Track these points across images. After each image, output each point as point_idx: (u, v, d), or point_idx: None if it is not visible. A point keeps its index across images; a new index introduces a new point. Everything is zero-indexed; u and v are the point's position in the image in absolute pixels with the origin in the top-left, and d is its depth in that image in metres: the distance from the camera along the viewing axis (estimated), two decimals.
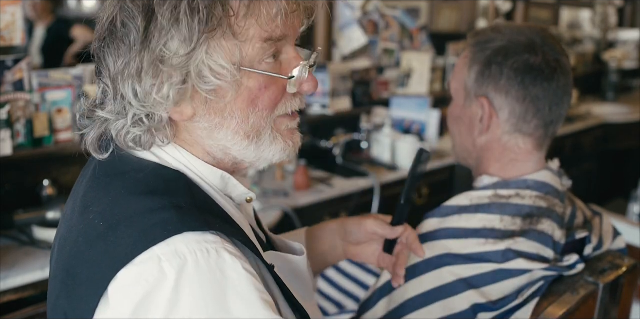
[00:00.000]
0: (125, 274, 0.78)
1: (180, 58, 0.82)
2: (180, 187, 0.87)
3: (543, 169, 1.32)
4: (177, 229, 0.79)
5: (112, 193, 0.86)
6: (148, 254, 0.78)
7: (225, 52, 0.84)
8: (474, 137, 1.35)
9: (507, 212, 1.25)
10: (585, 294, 1.19)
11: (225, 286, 0.78)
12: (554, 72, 1.28)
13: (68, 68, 2.41)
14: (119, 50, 0.84)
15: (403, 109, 3.56)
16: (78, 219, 0.87)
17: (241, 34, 0.84)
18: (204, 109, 0.87)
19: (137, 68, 0.83)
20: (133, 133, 0.87)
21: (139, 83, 0.84)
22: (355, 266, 2.11)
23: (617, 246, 1.40)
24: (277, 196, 2.59)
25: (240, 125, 0.88)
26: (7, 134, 2.08)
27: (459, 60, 1.37)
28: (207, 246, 0.80)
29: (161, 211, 0.81)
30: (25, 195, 2.22)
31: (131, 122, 0.86)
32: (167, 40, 0.81)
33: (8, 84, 2.14)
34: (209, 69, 0.83)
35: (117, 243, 0.80)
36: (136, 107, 0.85)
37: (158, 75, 0.83)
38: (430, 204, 2.48)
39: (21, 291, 1.82)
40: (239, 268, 0.80)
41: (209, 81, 0.84)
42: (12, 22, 2.16)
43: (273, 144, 0.92)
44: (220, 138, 0.89)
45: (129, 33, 0.83)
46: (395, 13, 3.88)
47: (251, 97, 0.87)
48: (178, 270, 0.77)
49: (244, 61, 0.85)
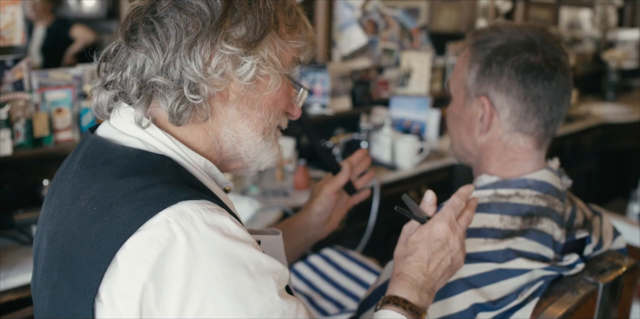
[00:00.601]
0: (134, 241, 0.82)
1: (246, 44, 0.91)
2: (166, 167, 0.90)
3: (543, 168, 1.32)
4: (172, 199, 0.84)
5: (102, 179, 0.88)
6: (156, 220, 0.82)
7: (277, 51, 0.96)
8: (474, 137, 1.35)
9: (507, 212, 1.25)
10: (585, 294, 1.19)
11: (232, 238, 0.84)
12: (554, 71, 1.28)
13: (68, 68, 2.41)
14: (185, 21, 0.89)
15: (403, 109, 3.56)
16: (69, 210, 0.89)
17: (286, 44, 0.97)
18: (240, 96, 0.95)
19: (212, 43, 0.90)
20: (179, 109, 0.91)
21: (208, 57, 0.90)
22: (356, 264, 2.11)
23: (617, 246, 1.40)
24: (277, 196, 2.59)
25: (262, 120, 0.98)
26: (7, 134, 2.08)
27: (458, 59, 1.37)
28: (207, 206, 0.85)
29: (152, 188, 0.85)
30: (25, 195, 2.22)
31: (188, 91, 0.90)
32: (242, 26, 0.91)
33: (8, 84, 2.14)
34: (263, 61, 0.93)
35: (114, 221, 0.83)
36: (195, 79, 0.90)
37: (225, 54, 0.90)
38: None
39: (21, 291, 1.82)
40: (237, 223, 0.87)
41: (260, 70, 0.93)
42: (12, 22, 2.16)
43: (272, 149, 1.02)
44: (241, 129, 0.97)
45: (203, 9, 0.90)
46: (395, 13, 3.88)
47: (274, 99, 0.98)
48: (187, 229, 0.82)
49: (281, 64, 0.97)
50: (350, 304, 1.95)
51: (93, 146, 0.94)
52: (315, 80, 3.23)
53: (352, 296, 1.99)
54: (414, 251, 1.04)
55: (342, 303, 1.96)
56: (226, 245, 0.83)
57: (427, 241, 1.04)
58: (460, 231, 1.06)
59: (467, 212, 1.09)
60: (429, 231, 1.05)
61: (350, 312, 1.84)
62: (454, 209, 1.07)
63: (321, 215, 1.35)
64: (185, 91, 0.90)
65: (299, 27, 0.99)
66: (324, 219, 1.36)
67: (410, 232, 1.08)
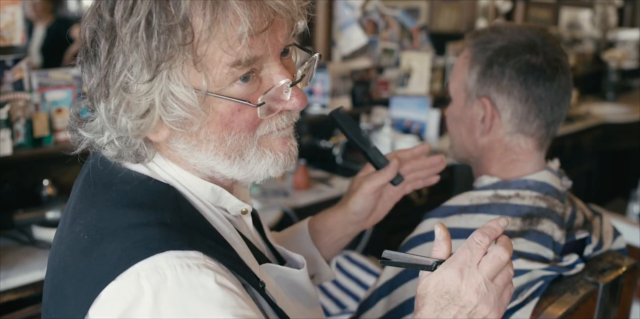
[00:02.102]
0: (106, 292, 0.77)
1: (143, 85, 0.78)
2: (168, 202, 0.85)
3: (543, 169, 1.32)
4: (159, 247, 0.77)
5: (99, 205, 0.84)
6: (128, 272, 0.76)
7: (190, 79, 0.78)
8: (475, 138, 1.34)
9: (507, 213, 1.25)
10: (585, 294, 1.19)
11: (207, 301, 0.76)
12: (555, 72, 1.28)
13: (68, 68, 2.41)
14: (90, 70, 0.83)
15: (403, 109, 3.56)
16: (67, 231, 0.86)
17: (206, 59, 0.78)
18: (178, 132, 0.83)
19: (105, 92, 0.80)
20: (110, 153, 0.86)
21: (106, 106, 0.81)
22: (356, 266, 2.11)
23: (617, 246, 1.40)
24: (277, 196, 2.59)
25: (218, 147, 0.84)
26: (7, 134, 2.08)
27: (458, 60, 1.37)
28: (188, 261, 0.77)
29: (146, 228, 0.79)
30: (25, 195, 2.22)
31: (106, 142, 0.85)
32: (131, 66, 0.77)
33: (8, 84, 2.14)
34: (173, 98, 0.79)
35: (100, 260, 0.78)
36: (110, 130, 0.83)
37: (122, 102, 0.79)
38: (430, 204, 2.48)
39: (21, 291, 1.82)
40: (221, 284, 0.78)
41: (173, 110, 0.80)
42: (12, 22, 2.16)
43: (262, 160, 0.87)
44: (202, 158, 0.86)
45: (98, 53, 0.81)
46: (395, 13, 3.88)
47: (224, 122, 0.82)
48: (156, 287, 0.75)
49: (211, 87, 0.79)
50: (351, 303, 1.95)
51: (100, 162, 0.89)
52: (315, 80, 3.23)
53: (352, 295, 1.99)
54: (422, 306, 0.83)
55: (343, 302, 1.97)
56: (197, 310, 0.75)
57: (434, 294, 0.82)
58: (480, 278, 0.81)
59: (494, 251, 0.82)
60: (436, 282, 0.82)
61: (351, 312, 1.84)
62: (471, 249, 0.82)
63: (359, 214, 1.20)
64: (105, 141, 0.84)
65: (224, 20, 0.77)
66: (362, 218, 1.20)
67: (419, 281, 0.86)
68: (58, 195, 2.25)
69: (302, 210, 2.55)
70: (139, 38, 0.76)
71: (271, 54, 0.82)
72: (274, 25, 0.80)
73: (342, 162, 3.09)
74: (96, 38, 0.80)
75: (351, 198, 1.20)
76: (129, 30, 0.77)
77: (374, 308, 1.29)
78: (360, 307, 1.33)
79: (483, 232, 0.83)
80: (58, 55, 4.12)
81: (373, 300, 1.30)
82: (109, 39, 0.79)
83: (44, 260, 1.91)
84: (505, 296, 0.83)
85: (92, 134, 0.85)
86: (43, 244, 2.01)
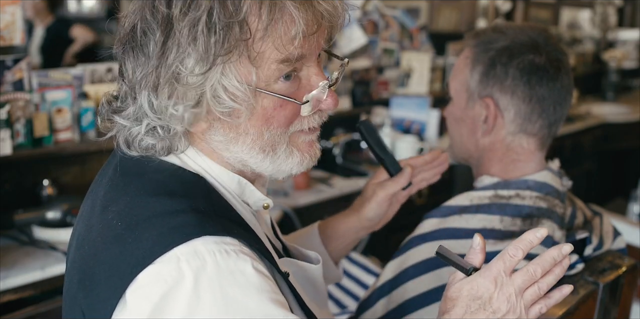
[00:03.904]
0: (144, 275, 0.78)
1: (196, 77, 0.81)
2: (199, 191, 0.87)
3: (544, 169, 1.32)
4: (196, 232, 0.79)
5: (131, 193, 0.85)
6: (168, 255, 0.78)
7: (241, 74, 0.82)
8: (477, 138, 1.34)
9: (507, 213, 1.25)
10: (585, 294, 1.19)
11: (245, 286, 0.78)
12: (558, 72, 1.28)
13: (68, 68, 2.42)
14: (138, 60, 0.84)
15: (403, 109, 3.56)
16: (97, 219, 0.87)
17: (258, 56, 0.82)
18: (219, 124, 0.87)
19: (154, 82, 0.82)
20: (146, 141, 0.87)
21: (155, 96, 0.83)
22: (356, 266, 2.11)
23: (618, 246, 1.40)
24: (277, 196, 2.59)
25: (255, 141, 0.88)
26: (7, 134, 2.08)
27: (458, 61, 1.36)
28: (226, 247, 0.80)
29: (180, 214, 0.81)
30: (25, 195, 2.22)
31: (145, 130, 0.86)
32: (184, 58, 0.80)
33: (8, 84, 2.14)
34: (224, 90, 0.82)
35: (135, 245, 0.80)
36: (151, 118, 0.85)
37: (173, 92, 0.82)
38: (430, 204, 2.48)
39: (21, 291, 1.82)
40: (257, 270, 0.80)
41: (224, 102, 0.83)
42: (12, 22, 2.16)
43: (290, 158, 0.91)
44: (237, 151, 0.89)
45: (148, 44, 0.83)
46: (395, 13, 3.88)
47: (266, 117, 0.86)
48: (197, 271, 0.77)
49: (259, 82, 0.84)
50: (351, 304, 1.95)
51: None
52: None
53: (353, 296, 1.99)
54: (452, 308, 0.88)
55: (343, 302, 1.97)
56: (235, 294, 0.77)
57: (466, 298, 0.87)
58: (511, 289, 0.85)
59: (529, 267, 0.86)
60: (470, 287, 0.87)
61: (351, 312, 1.84)
62: (505, 261, 0.87)
63: (372, 220, 1.25)
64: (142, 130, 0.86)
65: (281, 20, 0.81)
66: (375, 223, 1.26)
67: (451, 284, 0.90)
68: (58, 195, 2.25)
69: (302, 210, 2.55)
70: (199, 32, 0.79)
71: (313, 55, 0.88)
72: (321, 28, 0.86)
73: (342, 162, 3.09)
74: (148, 29, 0.82)
75: (365, 205, 1.24)
76: (187, 24, 0.79)
77: (373, 307, 1.29)
78: (360, 307, 1.33)
79: (517, 246, 0.87)
80: (58, 55, 4.12)
81: (373, 300, 1.30)
82: (164, 31, 0.81)
83: (44, 260, 1.91)
84: (533, 311, 0.88)
85: (130, 122, 0.87)
86: (43, 244, 2.02)
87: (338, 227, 1.26)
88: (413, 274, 1.23)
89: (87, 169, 2.32)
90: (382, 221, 1.27)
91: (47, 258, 1.93)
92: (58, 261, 1.91)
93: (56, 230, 2.06)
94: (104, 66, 2.46)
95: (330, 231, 1.26)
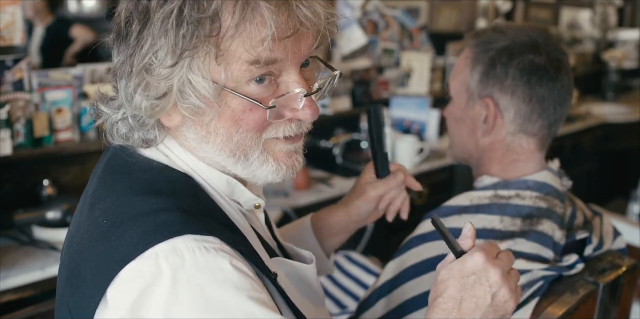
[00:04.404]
0: (125, 271, 0.79)
1: (165, 70, 0.81)
2: (186, 190, 0.87)
3: (544, 169, 1.32)
4: (178, 231, 0.79)
5: (119, 192, 0.86)
6: (147, 252, 0.78)
7: (209, 71, 0.82)
8: (477, 138, 1.34)
9: (507, 213, 1.25)
10: (585, 294, 1.19)
11: (224, 284, 0.78)
12: (558, 72, 1.28)
13: (68, 68, 2.41)
14: (119, 48, 0.86)
15: (403, 109, 3.56)
16: (85, 217, 0.88)
17: (227, 55, 0.81)
18: (190, 120, 0.86)
19: (128, 70, 0.84)
20: (121, 130, 0.88)
21: (127, 84, 0.84)
22: (356, 266, 2.11)
23: (618, 246, 1.40)
24: (277, 196, 2.59)
25: (225, 143, 0.86)
26: (7, 134, 2.08)
27: (458, 61, 1.36)
28: (205, 245, 0.79)
29: (164, 213, 0.81)
30: (25, 195, 2.22)
31: (120, 118, 0.87)
32: (157, 49, 0.81)
33: (8, 84, 2.14)
34: (191, 86, 0.82)
35: (119, 242, 0.80)
36: (126, 107, 0.86)
37: (142, 81, 0.83)
38: (430, 204, 2.48)
39: (21, 291, 1.82)
40: (236, 267, 0.80)
41: (188, 97, 0.83)
42: (12, 22, 2.16)
43: (264, 166, 0.89)
44: (208, 151, 0.88)
45: (130, 33, 0.84)
46: (395, 13, 3.88)
47: (234, 118, 0.85)
48: (175, 268, 0.77)
49: (228, 81, 0.82)
50: (351, 304, 1.95)
51: (120, 151, 0.91)
52: None
53: (352, 295, 1.99)
54: (444, 290, 0.86)
55: (343, 302, 1.97)
56: (214, 292, 0.77)
57: (459, 276, 0.86)
58: (502, 264, 0.86)
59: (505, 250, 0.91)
60: (461, 266, 0.86)
61: (351, 312, 1.84)
62: (491, 244, 0.89)
63: (361, 216, 1.25)
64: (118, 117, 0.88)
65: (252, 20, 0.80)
66: (364, 218, 1.26)
67: (441, 268, 0.89)
68: (58, 195, 2.25)
69: (302, 210, 2.55)
70: (169, 24, 0.80)
71: (291, 61, 0.85)
72: (299, 34, 0.83)
73: (342, 162, 3.09)
74: (130, 19, 0.84)
75: (354, 202, 1.24)
76: (161, 16, 0.80)
77: (373, 307, 1.29)
78: (359, 307, 1.33)
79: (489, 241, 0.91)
80: (58, 55, 4.12)
81: (373, 300, 1.30)
82: (141, 21, 0.82)
83: (44, 260, 1.91)
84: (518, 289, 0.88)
85: (110, 110, 0.88)
86: (43, 244, 2.02)
87: (329, 221, 1.27)
88: (413, 274, 1.23)
89: (87, 169, 2.32)
90: (373, 216, 1.27)
91: (47, 258, 1.93)
92: (58, 261, 1.90)
93: (56, 230, 2.06)
94: (104, 66, 2.46)
95: (322, 223, 1.27)
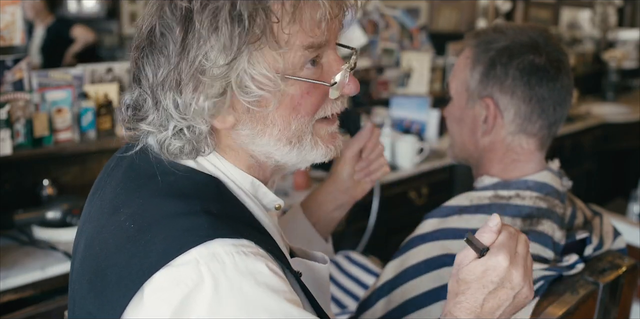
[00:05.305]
0: (162, 276, 0.78)
1: (220, 68, 0.80)
2: (211, 192, 0.87)
3: (544, 169, 1.32)
4: (209, 235, 0.80)
5: (144, 195, 0.85)
6: (187, 258, 0.78)
7: (268, 61, 0.82)
8: (477, 138, 1.34)
9: (507, 213, 1.25)
10: (585, 294, 1.19)
11: (264, 287, 0.79)
12: (558, 73, 1.28)
13: (68, 68, 2.41)
14: (158, 62, 0.84)
15: (403, 109, 3.56)
16: (108, 221, 0.87)
17: (285, 42, 0.82)
18: (246, 117, 0.86)
19: (177, 80, 0.82)
20: (175, 145, 0.87)
21: (179, 95, 0.83)
22: (356, 266, 2.11)
23: (618, 246, 1.40)
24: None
25: (283, 132, 0.88)
26: (7, 134, 2.08)
27: (458, 61, 1.36)
28: (243, 249, 0.80)
29: (192, 216, 0.81)
30: (25, 195, 2.22)
31: (172, 133, 0.86)
32: (207, 51, 0.80)
33: (8, 84, 2.14)
34: (251, 79, 0.82)
35: (149, 247, 0.80)
36: (177, 119, 0.84)
37: (198, 86, 0.81)
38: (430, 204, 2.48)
39: (21, 291, 1.82)
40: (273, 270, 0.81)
41: (251, 91, 0.82)
42: (12, 22, 2.16)
43: (314, 150, 0.92)
44: (263, 144, 0.89)
45: (167, 44, 0.82)
46: (395, 13, 3.88)
47: (294, 104, 0.86)
48: (216, 273, 0.77)
49: (287, 69, 0.83)
50: (351, 304, 1.95)
51: (143, 154, 0.90)
52: None
53: (352, 295, 1.99)
54: (466, 289, 0.89)
55: (343, 302, 1.97)
56: (256, 295, 0.78)
57: (481, 280, 0.88)
58: (523, 262, 0.89)
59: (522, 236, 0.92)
60: (484, 269, 0.87)
61: (351, 312, 1.84)
62: (511, 237, 0.89)
63: (346, 181, 1.25)
64: (169, 133, 0.85)
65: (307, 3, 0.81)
66: (350, 184, 1.25)
67: (461, 265, 0.90)
68: (58, 195, 2.25)
69: None
70: (221, 21, 0.79)
71: (333, 41, 0.88)
72: (340, 14, 0.87)
73: None
74: (166, 29, 0.82)
75: (337, 169, 1.25)
76: (209, 15, 0.79)
77: (373, 307, 1.29)
78: (359, 307, 1.33)
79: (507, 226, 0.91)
80: (58, 55, 4.13)
81: (373, 300, 1.30)
82: (184, 26, 0.81)
83: (44, 260, 1.91)
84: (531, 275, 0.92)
85: (156, 128, 0.87)
86: (43, 244, 2.01)
87: (316, 197, 1.27)
88: (413, 275, 1.23)
89: (87, 169, 2.32)
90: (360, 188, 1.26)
91: (47, 258, 1.93)
92: (58, 261, 1.91)
93: (56, 230, 2.05)
94: (104, 66, 2.46)
95: (310, 202, 1.28)
